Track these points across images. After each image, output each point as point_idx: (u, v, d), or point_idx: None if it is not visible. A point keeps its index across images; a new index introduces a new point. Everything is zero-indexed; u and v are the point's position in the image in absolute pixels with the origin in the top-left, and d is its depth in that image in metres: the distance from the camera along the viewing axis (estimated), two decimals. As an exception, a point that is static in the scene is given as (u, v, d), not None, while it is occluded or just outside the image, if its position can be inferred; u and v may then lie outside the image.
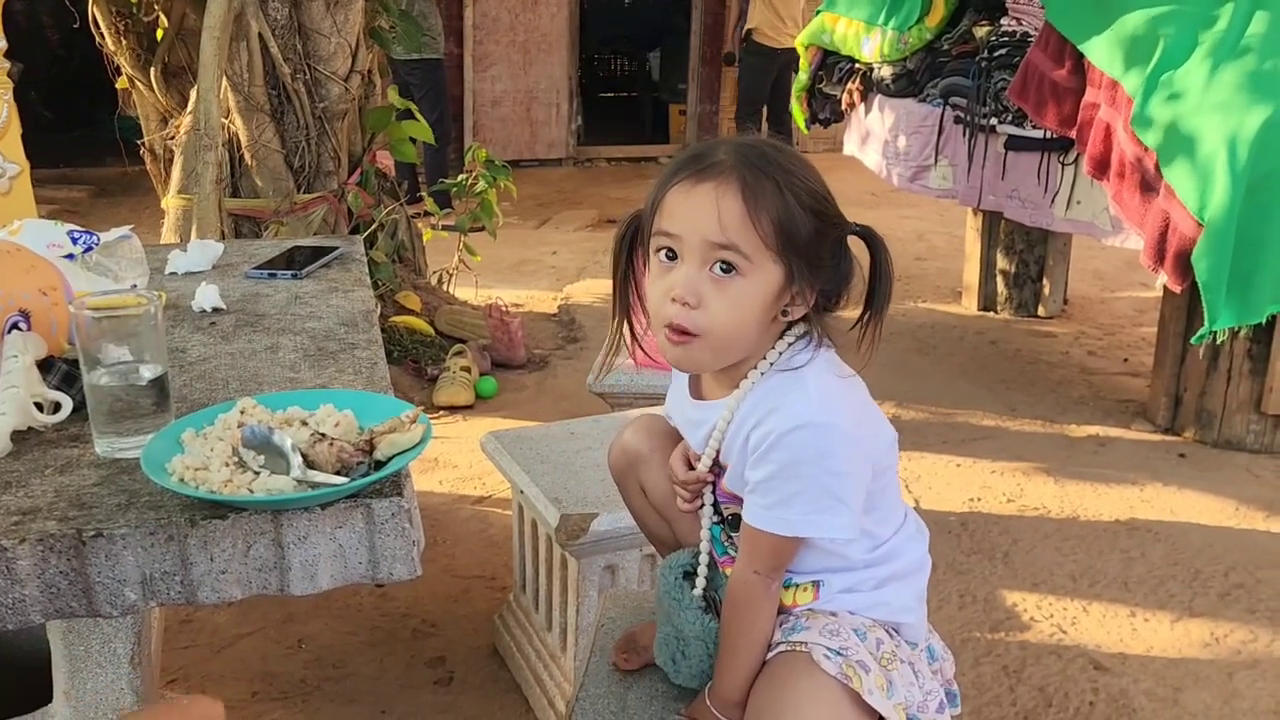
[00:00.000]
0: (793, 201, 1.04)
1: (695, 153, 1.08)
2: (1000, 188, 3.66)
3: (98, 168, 7.29)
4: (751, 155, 1.05)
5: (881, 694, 1.09)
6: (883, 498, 1.16)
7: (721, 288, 1.04)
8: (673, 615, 1.22)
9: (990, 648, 2.26)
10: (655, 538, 1.38)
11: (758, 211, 1.03)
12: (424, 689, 2.11)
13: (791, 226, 1.04)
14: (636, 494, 1.35)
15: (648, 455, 1.30)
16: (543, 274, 5.30)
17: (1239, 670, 2.19)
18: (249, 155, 3.55)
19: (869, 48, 4.19)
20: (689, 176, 1.05)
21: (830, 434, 1.06)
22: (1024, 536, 2.74)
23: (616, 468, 1.35)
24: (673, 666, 1.24)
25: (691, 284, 1.05)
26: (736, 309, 1.05)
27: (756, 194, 1.03)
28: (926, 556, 1.22)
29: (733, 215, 1.03)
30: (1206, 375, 3.22)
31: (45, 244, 1.60)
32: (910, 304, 4.77)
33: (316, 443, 1.10)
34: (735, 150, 1.06)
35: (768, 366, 1.11)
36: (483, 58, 8.18)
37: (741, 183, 1.03)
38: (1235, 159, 2.59)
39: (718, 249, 1.04)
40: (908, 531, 1.20)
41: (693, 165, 1.06)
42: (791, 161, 1.07)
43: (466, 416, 3.48)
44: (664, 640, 1.24)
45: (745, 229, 1.03)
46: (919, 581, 1.21)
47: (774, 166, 1.05)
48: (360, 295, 1.81)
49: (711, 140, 1.12)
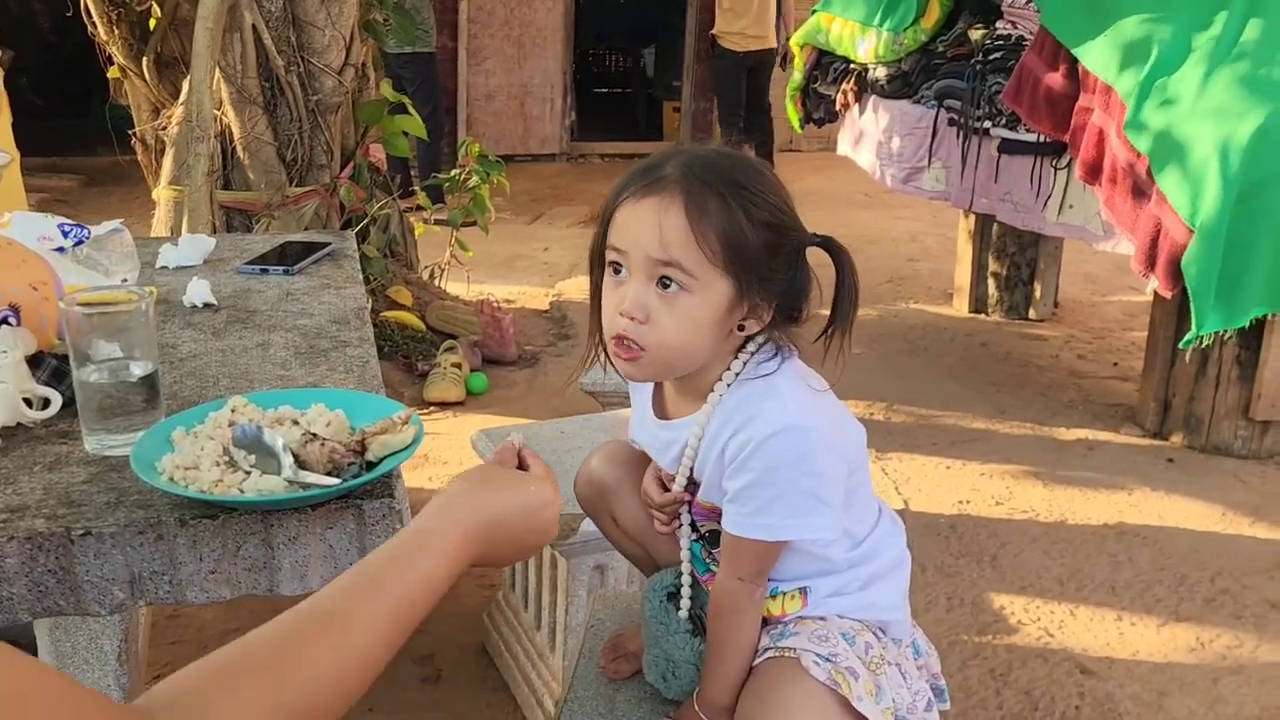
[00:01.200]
0: (740, 216, 1.02)
1: (645, 165, 1.06)
2: (993, 191, 3.67)
3: (88, 157, 7.24)
4: (700, 168, 1.03)
5: (870, 699, 1.09)
6: (856, 496, 1.15)
7: (668, 303, 1.03)
8: (661, 640, 1.21)
9: (977, 650, 2.27)
10: (634, 560, 1.36)
11: (701, 227, 1.00)
12: (412, 686, 2.11)
13: (739, 241, 1.02)
14: (609, 524, 1.33)
15: (614, 485, 1.28)
16: (535, 270, 5.29)
17: (1224, 675, 2.21)
18: (241, 147, 3.54)
19: (864, 48, 4.19)
20: (636, 191, 1.04)
21: (808, 437, 1.05)
22: (1012, 539, 2.74)
23: (585, 499, 1.33)
24: (664, 684, 1.24)
25: (638, 299, 1.03)
26: (683, 324, 1.03)
27: (701, 210, 1.01)
28: (905, 551, 1.22)
29: (676, 231, 1.01)
30: (1195, 381, 3.23)
31: (35, 237, 1.59)
32: (901, 305, 4.78)
33: (308, 443, 1.09)
34: (684, 163, 1.04)
35: (733, 378, 1.09)
36: (477, 51, 8.15)
37: (685, 198, 1.01)
38: (1227, 166, 2.60)
39: (660, 265, 1.02)
40: (884, 527, 1.20)
41: (641, 179, 1.04)
42: (744, 173, 1.05)
43: (457, 413, 3.47)
44: (653, 662, 1.24)
45: (688, 245, 1.01)
46: (901, 578, 1.21)
47: (723, 180, 1.03)
48: (352, 292, 1.80)
49: (667, 150, 1.09)
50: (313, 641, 0.65)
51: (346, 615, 0.68)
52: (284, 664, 0.63)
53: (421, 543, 0.77)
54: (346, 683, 0.66)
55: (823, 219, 7.15)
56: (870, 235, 6.08)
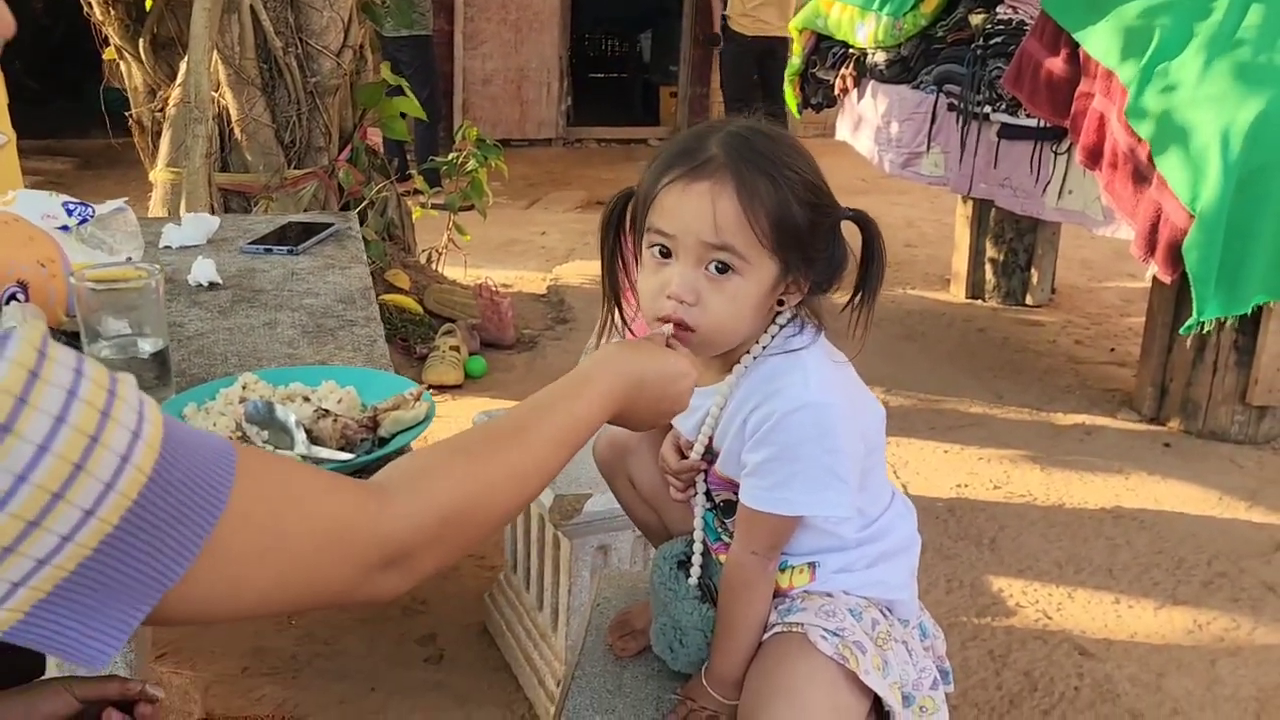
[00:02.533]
0: (788, 196, 1.03)
1: (687, 147, 1.06)
2: (992, 176, 3.67)
3: (83, 139, 7.21)
4: (745, 150, 1.03)
5: (878, 674, 1.10)
6: (872, 476, 1.16)
7: (718, 286, 1.04)
8: (669, 606, 1.22)
9: (976, 632, 2.28)
10: (645, 527, 1.38)
11: (754, 211, 1.01)
12: (414, 666, 2.12)
13: (787, 222, 1.03)
14: (625, 486, 1.34)
15: (635, 447, 1.30)
16: (532, 254, 5.28)
17: (1221, 657, 2.22)
18: (239, 129, 3.52)
19: (863, 33, 4.18)
20: (683, 175, 1.03)
21: (829, 413, 1.06)
22: (1010, 523, 2.76)
23: (603, 460, 1.34)
24: (670, 655, 1.24)
25: (688, 283, 1.04)
26: (733, 305, 1.05)
27: (752, 193, 1.01)
28: (916, 534, 1.23)
29: (728, 217, 1.01)
30: (1193, 366, 3.25)
31: (39, 215, 1.59)
32: (899, 291, 4.78)
33: (320, 419, 1.09)
34: (728, 144, 1.04)
35: (760, 350, 1.10)
36: (473, 35, 8.12)
37: (737, 182, 1.01)
38: (1228, 151, 2.60)
39: (713, 250, 1.02)
40: (896, 509, 1.21)
41: (686, 161, 1.04)
42: (786, 151, 1.06)
43: (455, 396, 3.47)
44: (661, 630, 1.24)
45: (741, 230, 1.01)
46: (910, 559, 1.22)
47: (768, 160, 1.03)
48: (357, 272, 1.80)
49: (703, 128, 1.09)
50: (508, 444, 0.81)
51: (531, 430, 0.84)
52: (488, 455, 0.79)
53: (581, 385, 0.90)
54: (528, 484, 0.82)
55: (820, 204, 7.14)
56: (867, 221, 6.08)
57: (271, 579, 0.65)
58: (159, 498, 0.58)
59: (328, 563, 0.68)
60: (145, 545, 0.58)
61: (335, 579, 0.69)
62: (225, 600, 0.64)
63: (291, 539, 0.66)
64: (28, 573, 0.55)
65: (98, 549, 0.56)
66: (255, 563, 0.64)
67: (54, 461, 0.54)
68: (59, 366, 0.56)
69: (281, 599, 0.67)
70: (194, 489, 0.60)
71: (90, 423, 0.56)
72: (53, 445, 0.54)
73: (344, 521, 0.69)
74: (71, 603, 0.57)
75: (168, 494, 0.59)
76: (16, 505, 0.53)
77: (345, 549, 0.68)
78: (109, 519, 0.56)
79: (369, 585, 0.71)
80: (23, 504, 0.53)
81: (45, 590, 0.56)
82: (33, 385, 0.54)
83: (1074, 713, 2.04)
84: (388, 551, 0.71)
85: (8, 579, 0.55)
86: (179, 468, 0.60)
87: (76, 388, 0.56)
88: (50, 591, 0.56)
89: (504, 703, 2.02)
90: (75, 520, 0.55)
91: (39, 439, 0.54)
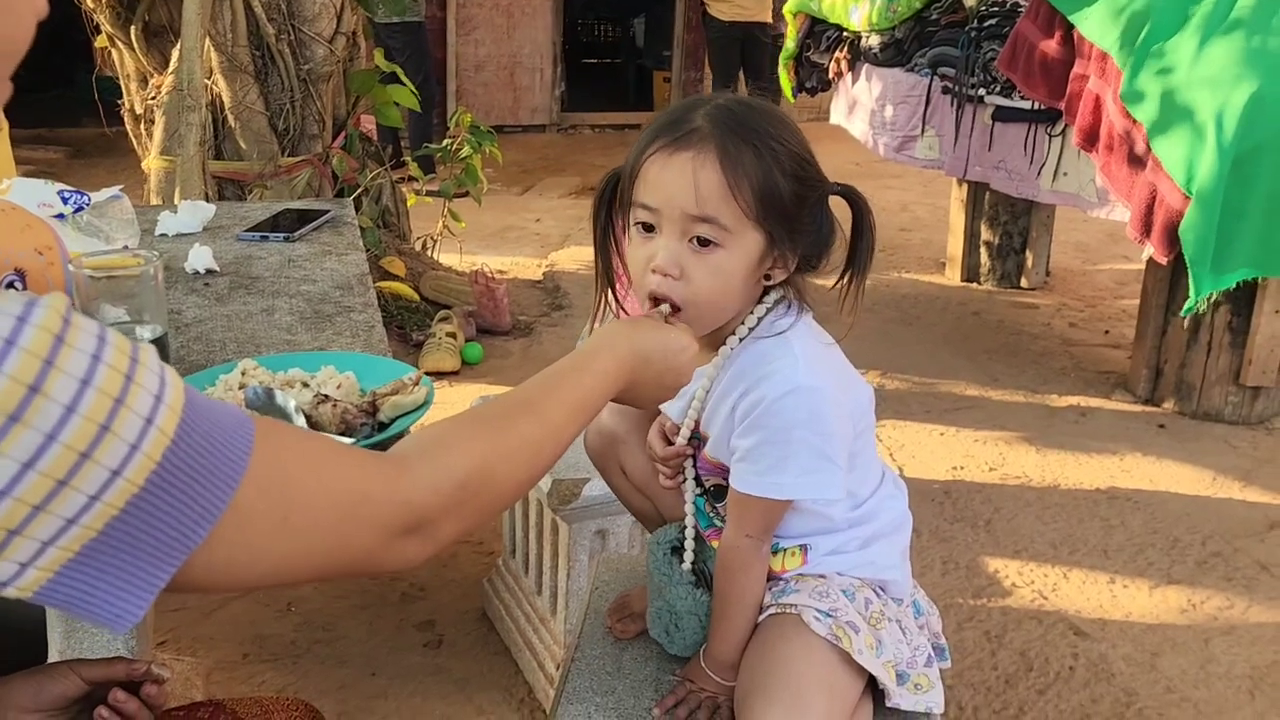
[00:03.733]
0: (773, 167, 1.01)
1: (672, 118, 1.04)
2: (987, 159, 3.67)
3: (74, 128, 7.18)
4: (730, 120, 1.02)
5: (871, 653, 1.11)
6: (861, 458, 1.16)
7: (702, 259, 1.02)
8: (664, 590, 1.22)
9: (972, 613, 2.30)
10: (641, 515, 1.37)
11: (737, 182, 1.00)
12: (413, 652, 2.13)
13: (772, 194, 1.01)
14: (617, 474, 1.33)
15: (625, 435, 1.29)
16: (527, 241, 5.28)
17: (1215, 636, 2.24)
18: (232, 117, 3.51)
19: (857, 16, 4.17)
20: (666, 145, 1.02)
21: (818, 396, 1.06)
22: (1005, 504, 2.77)
23: (594, 450, 1.34)
24: (667, 638, 1.24)
25: (671, 256, 1.02)
26: (718, 279, 1.03)
27: (735, 163, 1.00)
28: (907, 513, 1.23)
29: (711, 187, 1.00)
30: (1187, 347, 3.26)
31: (35, 203, 1.58)
32: (893, 274, 4.79)
33: (320, 404, 1.10)
34: (713, 115, 1.02)
35: (746, 332, 1.10)
36: (465, 21, 8.09)
37: (720, 152, 1.00)
38: (1223, 133, 2.61)
39: (696, 222, 1.01)
40: (886, 490, 1.21)
41: (669, 132, 1.02)
42: (772, 123, 1.04)
43: (452, 382, 3.48)
44: (656, 614, 1.24)
45: (725, 201, 1.00)
46: (902, 538, 1.22)
47: (753, 131, 1.02)
48: (354, 258, 1.80)
49: (690, 100, 1.08)
50: (520, 416, 0.83)
51: (541, 403, 0.86)
52: (503, 426, 0.81)
53: (589, 360, 0.92)
54: (542, 454, 0.83)
55: (815, 189, 7.13)
56: (862, 205, 6.08)
57: (294, 544, 0.66)
58: (182, 459, 0.59)
59: (349, 529, 0.69)
60: (170, 506, 0.59)
61: (356, 545, 0.69)
62: (249, 565, 0.65)
63: (312, 503, 0.67)
64: (57, 532, 0.56)
65: (124, 509, 0.57)
66: (278, 526, 0.65)
67: (81, 422, 0.55)
68: (83, 333, 0.57)
69: (305, 565, 0.68)
70: (216, 452, 0.61)
71: (115, 385, 0.57)
72: (79, 406, 0.55)
73: (364, 487, 0.69)
74: (99, 563, 0.58)
75: (190, 456, 0.60)
76: (46, 464, 0.54)
77: (366, 514, 0.69)
78: (135, 479, 0.57)
79: (391, 552, 0.72)
80: (52, 463, 0.54)
81: (74, 550, 0.57)
82: (59, 349, 0.55)
83: (1069, 692, 2.06)
84: (409, 517, 0.71)
85: (37, 538, 0.56)
86: (200, 431, 0.61)
87: (100, 352, 0.57)
88: (78, 551, 0.57)
89: (504, 686, 2.03)
90: (103, 480, 0.56)
91: (66, 400, 0.55)
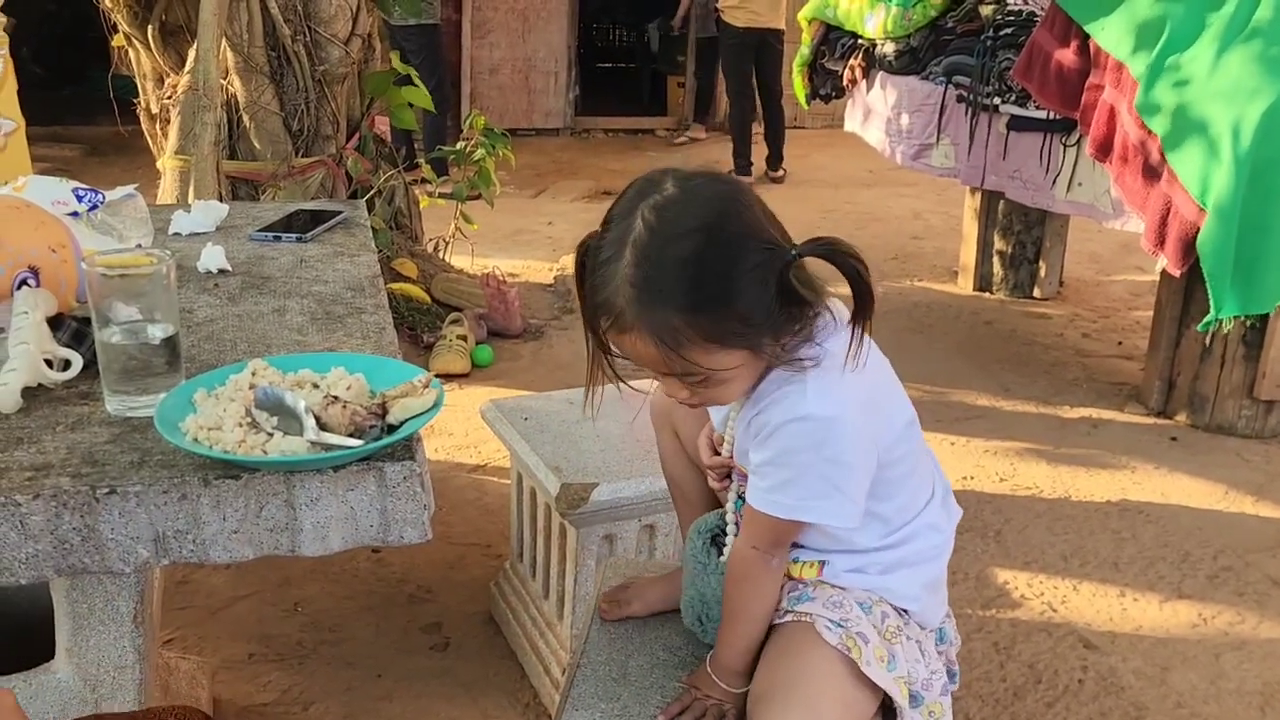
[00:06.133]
0: (710, 314, 1.00)
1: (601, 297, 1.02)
2: (1002, 168, 3.66)
3: (90, 126, 7.21)
4: (647, 286, 0.99)
5: (881, 665, 1.10)
6: (903, 485, 1.15)
7: (700, 387, 1.07)
8: (697, 579, 1.24)
9: (981, 624, 2.29)
10: (676, 485, 1.39)
11: (682, 349, 1.01)
12: (420, 654, 2.13)
13: (722, 332, 1.01)
14: (669, 437, 1.36)
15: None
16: (539, 244, 5.28)
17: (1226, 651, 2.22)
18: (247, 117, 3.52)
19: (872, 24, 4.17)
20: (609, 327, 1.04)
21: (829, 426, 1.05)
22: (1016, 516, 2.76)
23: (656, 410, 1.37)
24: (699, 627, 1.27)
25: (675, 391, 1.09)
26: (723, 391, 1.08)
27: (674, 336, 1.00)
28: (947, 544, 1.21)
29: (660, 360, 1.03)
30: (1200, 360, 3.24)
31: (50, 201, 1.59)
32: (906, 283, 4.77)
33: (329, 405, 1.10)
34: (632, 285, 1.00)
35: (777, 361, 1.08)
36: (481, 24, 8.11)
37: (653, 335, 1.01)
38: (1239, 145, 2.59)
39: (673, 375, 1.06)
40: (930, 518, 1.19)
41: (605, 314, 1.03)
42: (696, 247, 0.99)
43: (462, 385, 3.48)
44: (690, 603, 1.27)
45: (681, 362, 1.02)
46: (931, 569, 1.20)
47: (677, 286, 0.99)
48: (365, 260, 1.80)
49: (607, 245, 1.03)
50: None
51: None
52: None
53: None
54: None
55: (827, 196, 7.12)
56: (874, 213, 6.07)
57: None
58: None
59: None
60: None
61: None
62: None
63: None
64: None
65: None
66: None
67: None
68: None
69: None
70: None
71: None
72: None
73: None
74: None
75: None
76: None
77: None
78: None
79: None
80: None
81: None
82: None
83: (1078, 705, 2.04)
84: None
85: None
86: None
87: None
88: None
89: (509, 690, 2.02)
90: None
91: None
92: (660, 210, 1.01)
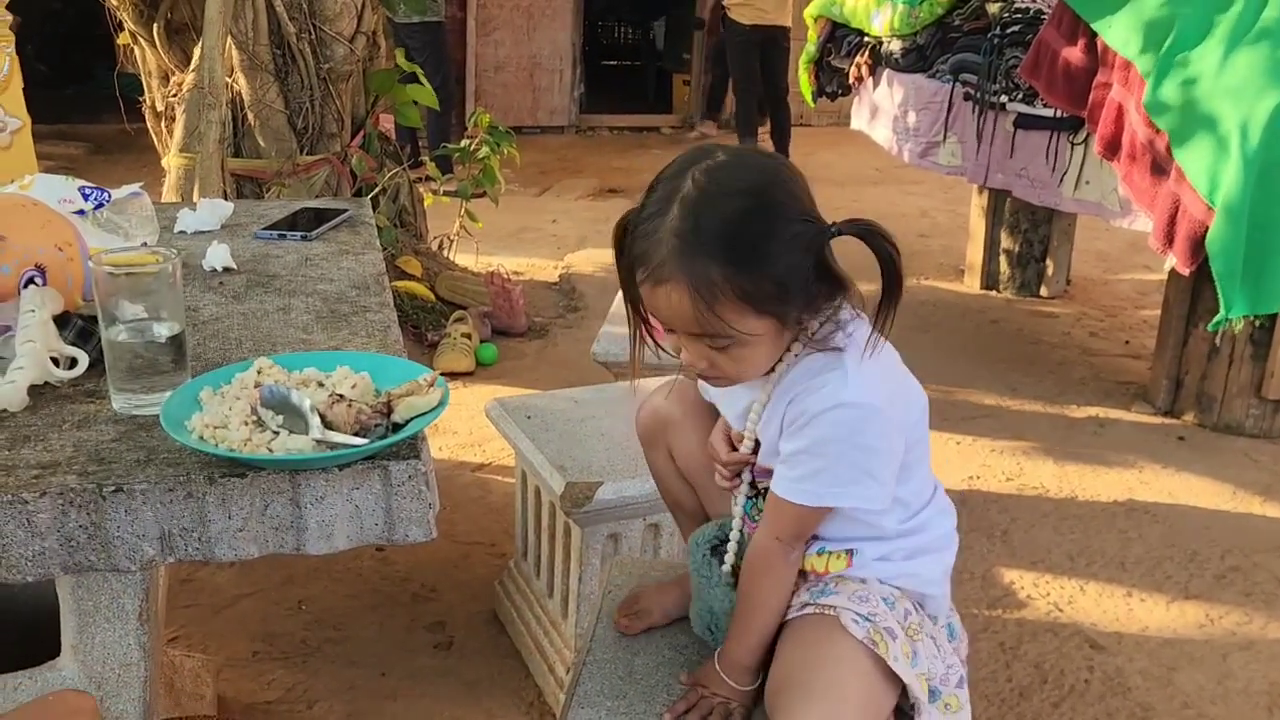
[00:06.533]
0: (748, 273, 1.01)
1: (641, 249, 1.05)
2: (1009, 166, 3.65)
3: (95, 124, 7.22)
4: (693, 238, 1.01)
5: (906, 661, 1.10)
6: (917, 469, 1.17)
7: (724, 353, 1.07)
8: (702, 592, 1.24)
9: (987, 624, 2.28)
10: (673, 502, 1.38)
11: (716, 305, 1.02)
12: (424, 653, 2.12)
13: (757, 293, 1.02)
14: (663, 457, 1.35)
15: (679, 420, 1.31)
16: (543, 242, 5.28)
17: (1233, 651, 2.21)
18: (252, 115, 3.53)
19: (879, 21, 4.16)
20: (646, 279, 1.05)
21: (864, 413, 1.06)
22: (1022, 515, 2.75)
23: (645, 428, 1.36)
24: (711, 636, 1.26)
25: (696, 356, 1.09)
26: (745, 363, 1.08)
27: (710, 290, 1.01)
28: (954, 534, 1.23)
29: (692, 317, 1.03)
30: (1208, 359, 3.23)
31: (56, 199, 1.59)
32: (912, 281, 4.76)
33: (334, 404, 1.09)
34: (679, 229, 1.02)
35: (800, 348, 1.10)
36: (486, 22, 8.11)
37: (689, 286, 1.01)
38: (1247, 144, 2.58)
39: (701, 336, 1.06)
40: (938, 504, 1.22)
41: (644, 263, 1.05)
42: (753, 209, 1.02)
43: (466, 383, 3.48)
44: (698, 614, 1.27)
45: (711, 320, 1.03)
46: (947, 557, 1.22)
47: (726, 239, 1.01)
48: (370, 258, 1.80)
49: (661, 195, 1.05)
50: None
51: None
52: None
53: None
54: None
55: (834, 194, 7.11)
56: (881, 211, 6.06)
57: None
58: None
59: None
60: None
61: None
62: None
63: None
64: None
65: None
66: None
67: None
68: None
69: None
70: None
71: None
72: None
73: None
74: None
75: None
76: None
77: None
78: None
79: None
80: None
81: None
82: None
83: (1084, 705, 2.03)
84: None
85: None
86: None
87: None
88: None
89: (513, 689, 2.02)
90: None
91: None
92: (711, 172, 1.05)
